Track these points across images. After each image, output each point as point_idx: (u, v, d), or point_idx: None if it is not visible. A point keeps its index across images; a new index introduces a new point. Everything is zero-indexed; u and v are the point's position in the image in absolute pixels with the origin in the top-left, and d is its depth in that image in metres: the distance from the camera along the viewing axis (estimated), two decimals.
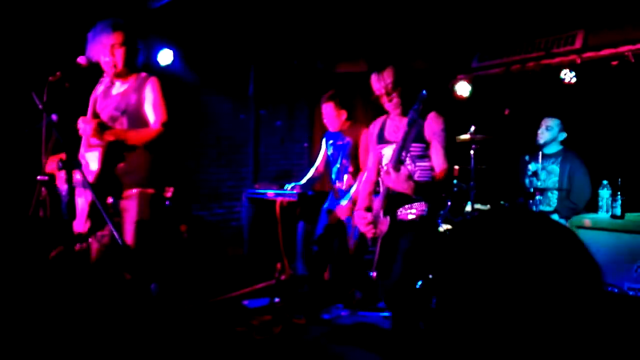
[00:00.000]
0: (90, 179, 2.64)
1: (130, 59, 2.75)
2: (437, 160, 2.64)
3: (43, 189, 2.36)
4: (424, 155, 2.66)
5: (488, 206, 4.54)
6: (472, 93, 5.48)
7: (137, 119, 2.73)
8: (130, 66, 2.77)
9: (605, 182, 3.76)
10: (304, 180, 4.44)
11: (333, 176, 4.15)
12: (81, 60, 2.59)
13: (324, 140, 4.39)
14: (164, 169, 2.84)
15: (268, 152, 6.02)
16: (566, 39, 4.95)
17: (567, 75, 4.74)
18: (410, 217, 2.65)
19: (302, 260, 4.41)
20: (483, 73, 5.55)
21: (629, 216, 3.56)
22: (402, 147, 2.51)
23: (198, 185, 5.44)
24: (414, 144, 2.62)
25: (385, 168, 2.58)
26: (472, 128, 4.16)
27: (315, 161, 4.49)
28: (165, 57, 4.65)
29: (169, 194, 2.83)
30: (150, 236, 2.73)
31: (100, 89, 2.89)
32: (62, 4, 3.86)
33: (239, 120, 5.74)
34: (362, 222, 2.68)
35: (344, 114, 4.08)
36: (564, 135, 4.29)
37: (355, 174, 3.97)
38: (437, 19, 4.90)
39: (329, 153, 4.25)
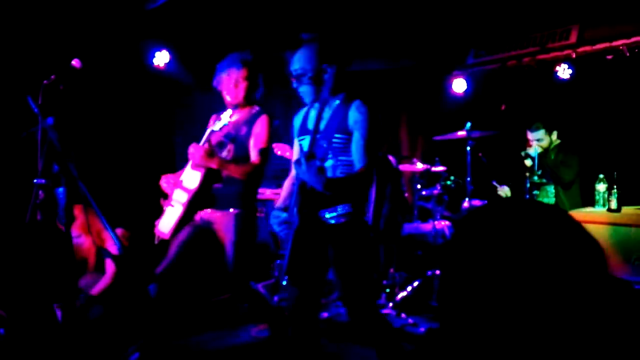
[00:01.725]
0: (188, 197, 2.84)
1: (250, 93, 2.98)
2: (356, 154, 2.35)
3: (40, 192, 2.37)
4: (347, 149, 2.36)
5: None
6: (468, 89, 5.48)
7: (242, 148, 2.91)
8: (248, 99, 2.99)
9: (601, 175, 3.78)
10: None
11: None
12: (75, 63, 2.59)
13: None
14: (256, 191, 3.02)
15: None
16: (561, 33, 4.95)
17: (565, 72, 4.74)
18: (333, 220, 2.31)
19: None
20: (479, 69, 5.55)
21: (626, 210, 3.57)
22: (315, 137, 2.27)
23: None
24: (336, 135, 2.36)
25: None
26: (468, 124, 4.16)
27: None
28: (161, 58, 4.66)
29: (260, 214, 2.96)
30: (245, 254, 2.86)
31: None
32: (58, 7, 3.86)
33: None
34: (274, 222, 2.39)
35: None
36: (555, 133, 4.32)
37: None
38: (432, 15, 4.90)
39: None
